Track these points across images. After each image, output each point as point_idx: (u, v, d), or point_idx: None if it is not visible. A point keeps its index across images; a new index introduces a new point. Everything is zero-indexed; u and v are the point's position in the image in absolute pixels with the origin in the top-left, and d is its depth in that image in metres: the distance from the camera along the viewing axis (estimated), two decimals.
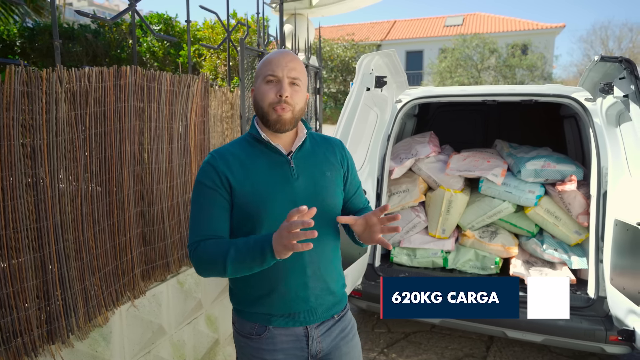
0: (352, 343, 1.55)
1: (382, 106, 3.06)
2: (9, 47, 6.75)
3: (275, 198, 1.35)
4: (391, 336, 3.54)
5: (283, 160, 1.40)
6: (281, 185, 1.37)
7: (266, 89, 1.35)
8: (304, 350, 1.44)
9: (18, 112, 1.61)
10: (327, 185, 1.44)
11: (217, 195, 1.34)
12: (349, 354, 1.52)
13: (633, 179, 2.45)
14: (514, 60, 20.27)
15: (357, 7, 4.82)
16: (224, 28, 3.12)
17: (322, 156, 1.48)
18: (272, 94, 1.34)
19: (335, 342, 1.49)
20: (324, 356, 1.49)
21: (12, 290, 1.64)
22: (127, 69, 2.11)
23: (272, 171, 1.38)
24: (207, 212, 1.35)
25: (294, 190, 1.37)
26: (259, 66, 1.40)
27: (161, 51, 6.70)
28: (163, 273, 2.50)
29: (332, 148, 1.52)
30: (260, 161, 1.39)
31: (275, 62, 1.35)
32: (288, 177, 1.38)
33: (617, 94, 2.49)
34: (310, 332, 1.44)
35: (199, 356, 2.74)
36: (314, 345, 1.45)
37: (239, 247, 1.25)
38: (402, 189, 3.67)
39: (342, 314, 1.54)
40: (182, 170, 2.63)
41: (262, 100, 1.36)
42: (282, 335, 1.42)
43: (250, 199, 1.34)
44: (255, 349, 1.43)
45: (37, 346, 1.73)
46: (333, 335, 1.49)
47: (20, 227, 1.65)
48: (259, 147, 1.41)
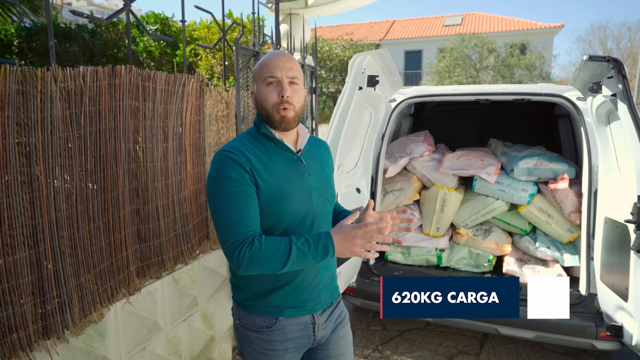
0: (347, 327, 1.66)
1: (376, 105, 3.09)
2: (6, 47, 6.77)
3: (295, 193, 1.41)
4: (386, 334, 3.57)
5: (295, 157, 1.46)
6: (298, 181, 1.43)
7: (267, 91, 1.39)
8: (310, 338, 1.53)
9: (13, 110, 1.64)
10: (331, 181, 1.58)
11: (249, 188, 1.33)
12: (344, 337, 1.64)
13: (622, 177, 2.48)
14: (513, 60, 20.28)
15: (352, 7, 4.84)
16: (220, 28, 3.14)
17: (320, 155, 1.58)
18: (275, 95, 1.38)
19: (335, 327, 1.60)
20: (325, 341, 1.59)
21: (8, 286, 1.67)
22: (121, 68, 2.13)
23: (288, 168, 1.43)
24: (244, 205, 1.32)
25: (309, 186, 1.45)
26: (257, 69, 1.43)
27: (158, 51, 6.71)
28: (158, 270, 2.53)
29: (324, 149, 1.63)
30: (276, 158, 1.43)
31: (273, 64, 1.38)
32: (302, 173, 1.45)
33: (605, 93, 2.52)
34: (316, 320, 1.52)
35: (195, 353, 2.77)
36: (319, 332, 1.54)
37: (301, 248, 1.30)
38: (397, 188, 3.70)
39: (338, 299, 1.65)
40: (177, 169, 2.65)
41: (265, 102, 1.40)
42: (291, 325, 1.48)
43: (275, 195, 1.38)
44: (267, 342, 1.48)
45: (32, 341, 1.76)
46: (333, 320, 1.59)
47: (15, 224, 1.68)
48: (269, 145, 1.44)
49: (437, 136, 4.35)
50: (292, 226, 1.42)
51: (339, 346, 1.61)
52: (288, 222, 1.41)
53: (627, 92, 2.27)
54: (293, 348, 1.51)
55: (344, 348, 1.63)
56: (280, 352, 1.49)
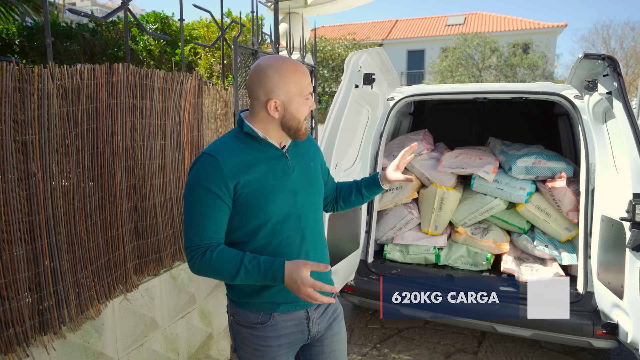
0: (342, 323, 1.67)
1: (374, 104, 3.10)
2: (8, 45, 6.82)
3: (278, 190, 1.43)
4: (384, 332, 3.58)
5: (279, 154, 1.47)
6: (282, 178, 1.45)
7: (306, 105, 1.44)
8: (305, 333, 1.54)
9: (10, 107, 1.65)
10: (317, 175, 1.59)
11: (219, 201, 1.37)
12: (339, 333, 1.65)
13: (619, 176, 2.48)
14: (515, 60, 20.26)
15: (351, 6, 4.85)
16: (218, 27, 3.16)
17: (304, 150, 1.58)
18: (307, 109, 1.44)
19: (329, 323, 1.61)
20: (319, 337, 1.59)
21: (5, 282, 1.68)
22: (119, 66, 2.15)
23: (272, 165, 1.45)
24: (209, 217, 1.38)
25: (293, 183, 1.47)
26: (288, 78, 1.39)
27: (157, 50, 6.74)
28: (156, 267, 2.54)
29: (308, 142, 1.62)
30: (260, 156, 1.44)
31: (308, 79, 1.43)
32: (286, 169, 1.47)
33: (601, 91, 2.52)
34: (310, 315, 1.54)
35: (193, 350, 2.78)
36: (314, 327, 1.55)
37: (250, 271, 1.34)
38: (395, 186, 3.71)
39: (333, 296, 1.64)
40: (175, 167, 2.67)
41: (300, 114, 1.43)
42: (285, 320, 1.50)
43: (257, 194, 1.40)
44: (260, 338, 1.49)
45: (29, 337, 1.77)
46: (327, 316, 1.60)
47: (12, 220, 1.69)
48: (253, 144, 1.45)
49: (437, 135, 4.35)
50: (279, 224, 1.44)
51: (333, 342, 1.62)
52: (274, 219, 1.43)
53: (622, 90, 2.27)
54: (287, 344, 1.52)
55: (339, 344, 1.64)
56: (274, 348, 1.50)
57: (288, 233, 1.46)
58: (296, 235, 1.47)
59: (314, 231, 1.53)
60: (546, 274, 3.15)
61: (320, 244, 1.58)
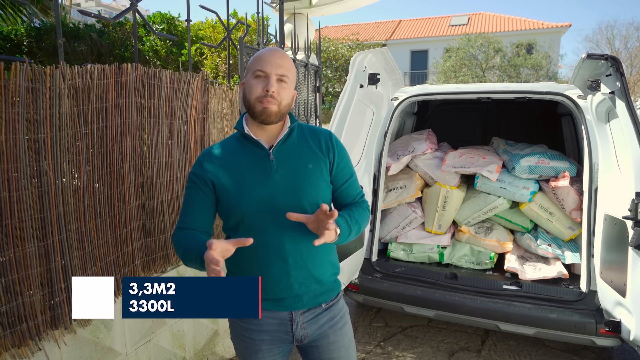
0: (342, 332, 1.58)
1: (378, 103, 3.13)
2: (16, 46, 6.89)
3: (253, 191, 1.41)
4: (388, 330, 3.60)
5: (264, 154, 1.44)
6: (260, 178, 1.42)
7: (254, 83, 1.41)
8: (288, 334, 1.51)
9: (23, 107, 1.69)
10: (308, 177, 1.46)
11: (199, 191, 1.46)
12: (336, 342, 1.57)
13: (622, 175, 2.50)
14: (519, 60, 20.20)
15: (356, 7, 4.87)
16: (224, 27, 3.19)
17: (306, 148, 1.50)
18: (260, 88, 1.40)
19: (323, 330, 1.54)
20: (311, 342, 1.55)
21: (17, 277, 1.72)
22: (128, 66, 2.19)
23: (252, 165, 1.44)
24: (188, 203, 1.49)
25: (273, 184, 1.42)
26: (250, 61, 1.46)
27: (164, 50, 6.79)
28: (163, 265, 2.58)
29: (318, 139, 1.52)
30: (241, 156, 1.45)
31: (265, 59, 1.41)
32: (267, 170, 1.42)
33: (604, 91, 2.53)
34: (295, 318, 1.50)
35: (199, 347, 2.82)
36: (299, 331, 1.51)
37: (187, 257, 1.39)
38: (399, 185, 3.73)
39: (331, 303, 1.57)
40: (182, 165, 2.70)
41: (249, 93, 1.42)
42: (267, 318, 1.50)
43: (231, 193, 1.42)
44: (245, 329, 1.52)
45: (41, 331, 1.82)
46: (320, 323, 1.53)
47: (25, 217, 1.73)
48: (244, 143, 1.47)
49: (440, 135, 4.37)
50: (255, 223, 1.41)
51: (330, 350, 1.57)
52: (249, 217, 1.42)
53: (625, 89, 2.29)
54: (270, 340, 1.51)
55: (336, 353, 1.58)
56: (257, 342, 1.51)
57: (265, 232, 1.41)
58: (275, 236, 1.42)
59: (297, 233, 1.41)
60: (549, 272, 3.17)
61: (305, 247, 1.45)
